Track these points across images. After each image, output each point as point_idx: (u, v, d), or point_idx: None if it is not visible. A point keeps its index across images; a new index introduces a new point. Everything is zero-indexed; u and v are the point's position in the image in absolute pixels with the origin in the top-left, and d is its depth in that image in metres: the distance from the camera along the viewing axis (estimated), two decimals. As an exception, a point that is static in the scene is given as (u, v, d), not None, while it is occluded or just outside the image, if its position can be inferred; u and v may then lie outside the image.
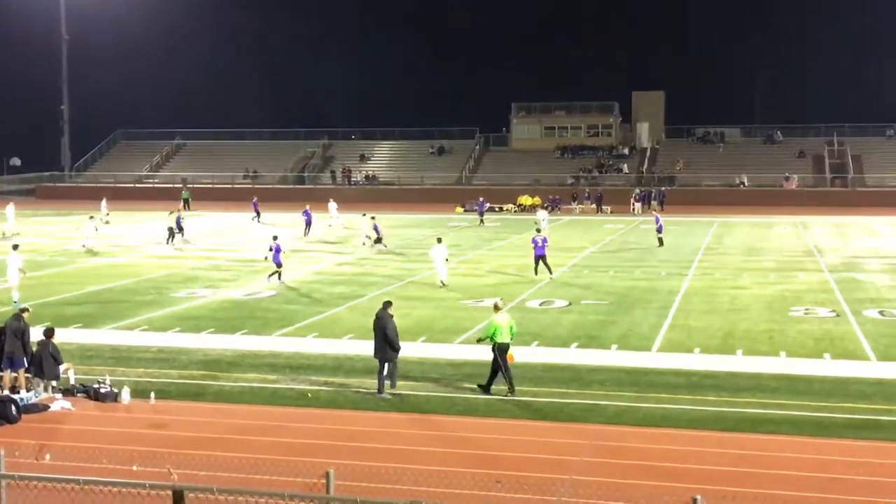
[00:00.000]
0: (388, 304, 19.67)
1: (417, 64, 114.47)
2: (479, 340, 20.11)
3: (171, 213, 49.49)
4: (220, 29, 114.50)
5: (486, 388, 18.99)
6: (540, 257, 34.38)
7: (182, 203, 69.94)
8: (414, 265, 38.62)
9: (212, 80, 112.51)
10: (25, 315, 19.61)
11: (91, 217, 47.66)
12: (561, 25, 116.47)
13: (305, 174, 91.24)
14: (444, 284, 32.75)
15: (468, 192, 78.15)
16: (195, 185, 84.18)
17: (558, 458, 15.33)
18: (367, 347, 23.18)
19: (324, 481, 9.51)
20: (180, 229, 47.59)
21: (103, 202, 63.11)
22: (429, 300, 30.11)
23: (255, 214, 61.35)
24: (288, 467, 14.03)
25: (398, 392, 19.01)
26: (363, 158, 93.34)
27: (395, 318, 19.32)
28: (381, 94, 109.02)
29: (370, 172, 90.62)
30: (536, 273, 34.43)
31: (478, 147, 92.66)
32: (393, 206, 73.01)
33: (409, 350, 22.89)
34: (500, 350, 18.90)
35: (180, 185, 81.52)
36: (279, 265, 33.45)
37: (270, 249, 34.00)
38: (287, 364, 21.67)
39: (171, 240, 46.27)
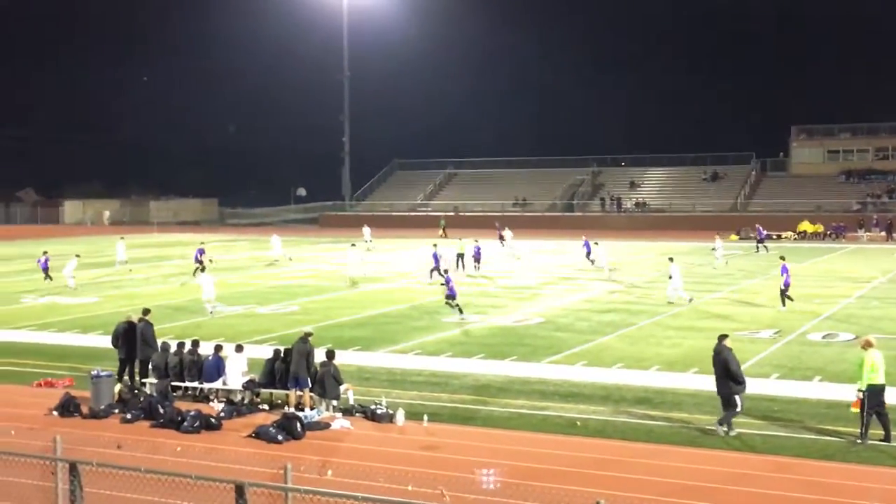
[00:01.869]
0: (723, 336, 18.45)
1: (689, 88, 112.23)
2: (861, 391, 17.18)
3: (461, 239, 50.28)
4: (491, 60, 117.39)
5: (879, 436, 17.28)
6: (786, 286, 33.06)
7: (441, 230, 72.15)
8: (685, 294, 37.59)
9: (483, 109, 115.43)
10: (310, 338, 20.68)
11: (353, 245, 48.00)
12: (844, 42, 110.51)
13: (574, 202, 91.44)
14: (690, 300, 34.37)
15: (743, 219, 75.52)
16: (466, 214, 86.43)
17: (843, 501, 14.27)
18: (638, 378, 22.82)
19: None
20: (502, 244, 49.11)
21: (366, 229, 65.64)
22: (700, 330, 29.16)
23: (500, 240, 61.42)
24: (557, 495, 13.89)
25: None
26: (633, 185, 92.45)
27: (724, 352, 18.16)
28: (651, 120, 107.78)
29: (640, 199, 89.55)
30: (785, 303, 32.91)
31: (754, 172, 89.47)
32: (664, 234, 71.69)
33: (681, 381, 22.27)
34: (872, 392, 17.09)
35: (452, 213, 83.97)
36: (452, 297, 32.44)
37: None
38: (556, 391, 21.58)
39: (460, 266, 46.69)
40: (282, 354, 20.81)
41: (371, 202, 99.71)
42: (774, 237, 69.02)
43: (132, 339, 22.40)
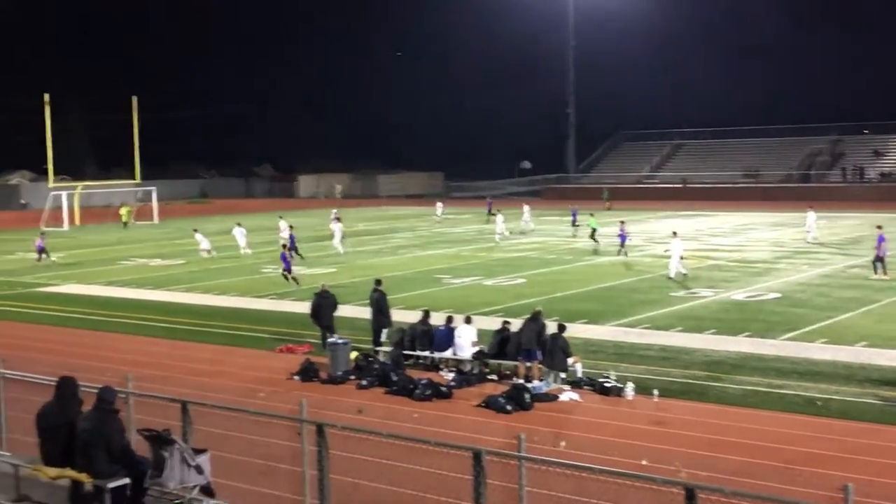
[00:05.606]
0: None
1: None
2: None
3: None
4: (720, 29, 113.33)
5: None
6: (879, 258, 32.85)
7: (606, 202, 72.10)
8: (683, 269, 34.66)
9: (711, 78, 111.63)
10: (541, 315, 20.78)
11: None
12: None
13: (811, 172, 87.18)
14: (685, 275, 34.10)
15: None
16: (694, 185, 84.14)
17: None
18: (885, 357, 21.53)
19: (840, 495, 8.82)
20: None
21: (438, 204, 68.55)
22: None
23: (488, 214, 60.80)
24: (798, 476, 13.34)
25: None
26: (878, 154, 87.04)
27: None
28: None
29: (886, 170, 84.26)
30: (876, 272, 32.84)
31: None
32: (909, 205, 67.31)
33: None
34: None
35: (680, 185, 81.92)
36: (288, 270, 34.48)
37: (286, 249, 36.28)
38: (793, 369, 20.69)
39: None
40: (510, 327, 20.99)
41: (596, 174, 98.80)
42: None
43: (325, 306, 23.72)
